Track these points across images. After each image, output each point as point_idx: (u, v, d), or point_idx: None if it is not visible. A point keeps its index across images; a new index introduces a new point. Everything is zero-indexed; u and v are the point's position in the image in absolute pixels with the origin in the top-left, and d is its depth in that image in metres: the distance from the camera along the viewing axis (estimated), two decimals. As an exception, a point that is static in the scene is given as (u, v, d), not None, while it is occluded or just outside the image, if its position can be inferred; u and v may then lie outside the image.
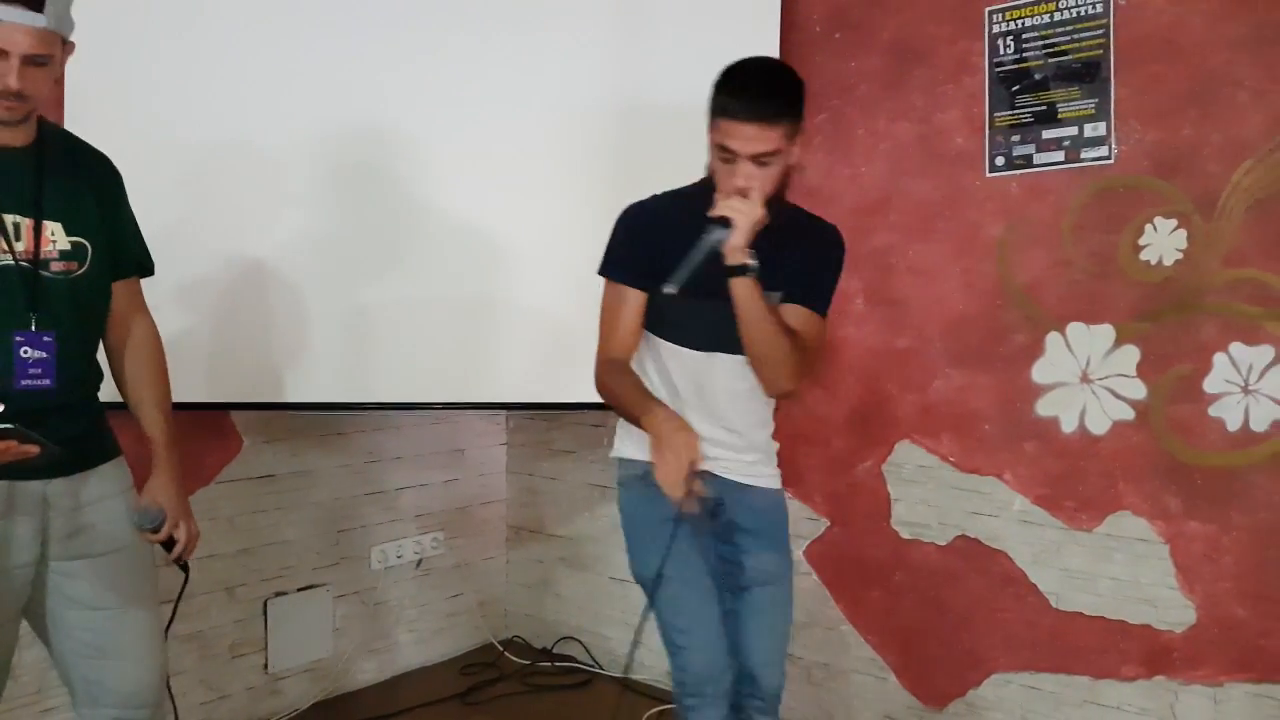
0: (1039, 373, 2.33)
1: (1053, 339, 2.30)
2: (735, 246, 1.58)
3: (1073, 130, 2.25)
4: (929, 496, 2.49)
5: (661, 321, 1.78)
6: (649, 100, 2.48)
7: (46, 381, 1.56)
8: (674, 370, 1.78)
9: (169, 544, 1.70)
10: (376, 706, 2.84)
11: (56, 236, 1.59)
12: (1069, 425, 2.29)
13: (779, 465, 1.93)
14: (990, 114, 2.35)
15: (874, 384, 2.58)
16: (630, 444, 1.85)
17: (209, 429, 2.61)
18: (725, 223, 1.58)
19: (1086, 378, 2.27)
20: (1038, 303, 2.32)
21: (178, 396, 2.37)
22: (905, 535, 2.53)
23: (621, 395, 1.73)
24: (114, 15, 2.19)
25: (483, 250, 2.49)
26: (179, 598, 1.83)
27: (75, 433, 1.63)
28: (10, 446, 1.43)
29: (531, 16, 2.43)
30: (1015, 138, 2.32)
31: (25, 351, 1.55)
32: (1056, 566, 2.32)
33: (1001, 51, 2.34)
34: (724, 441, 1.79)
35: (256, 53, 2.33)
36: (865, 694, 2.62)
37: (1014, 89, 2.32)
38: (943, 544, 2.48)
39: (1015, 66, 2.32)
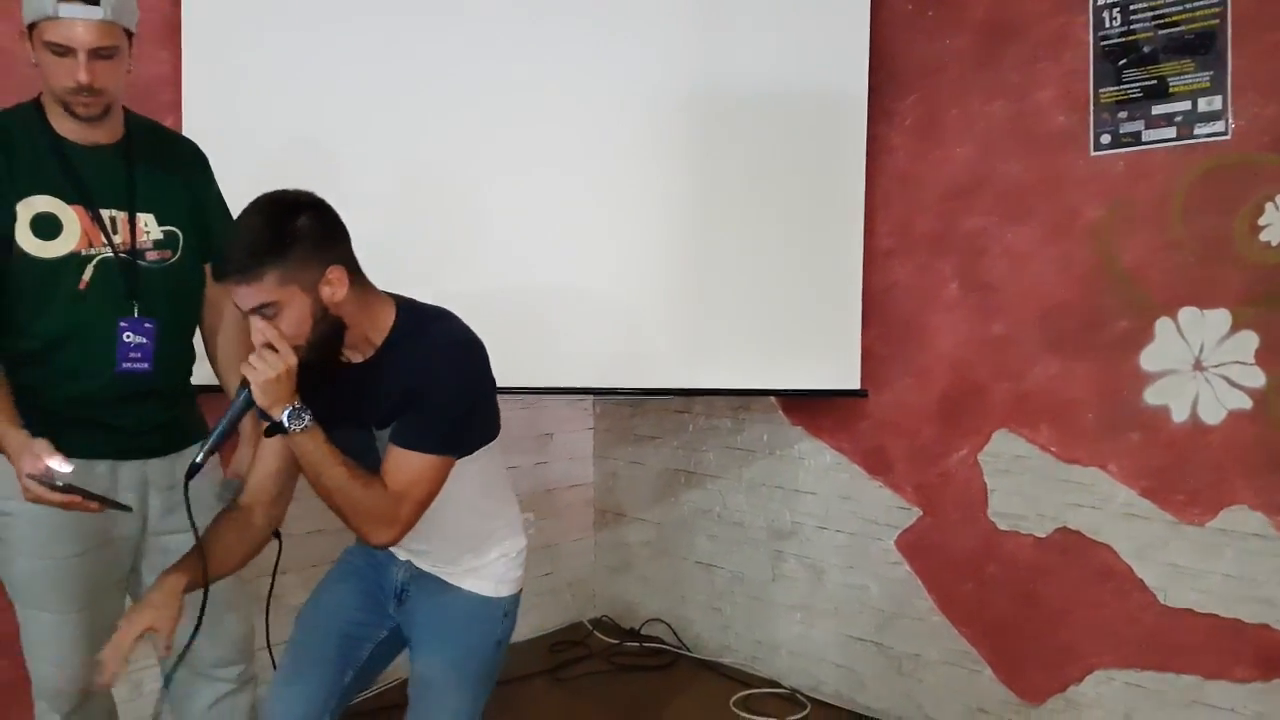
0: (1147, 360, 2.23)
1: (1163, 324, 2.20)
2: (264, 407, 1.45)
3: (1185, 105, 2.14)
4: (1027, 487, 2.42)
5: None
6: (731, 87, 2.46)
7: (145, 365, 1.66)
8: None
9: None
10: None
11: (149, 227, 1.68)
12: (1180, 415, 2.19)
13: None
14: (1095, 90, 2.25)
15: (967, 371, 2.51)
16: None
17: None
18: (244, 383, 1.46)
19: (1199, 365, 2.16)
20: (1144, 287, 2.22)
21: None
22: (1001, 527, 2.47)
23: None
24: (213, 11, 2.28)
25: (568, 239, 2.51)
26: (275, 568, 1.92)
27: (171, 416, 1.74)
28: (74, 500, 1.48)
29: (616, 5, 2.43)
30: (1122, 114, 2.22)
31: (127, 336, 1.64)
32: (1164, 561, 2.23)
33: (1107, 24, 2.23)
34: (432, 532, 1.64)
35: (331, 49, 2.37)
36: (956, 686, 2.57)
37: (1120, 63, 2.21)
38: (1041, 536, 2.40)
39: (1122, 40, 2.21)
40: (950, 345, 2.53)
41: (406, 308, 1.58)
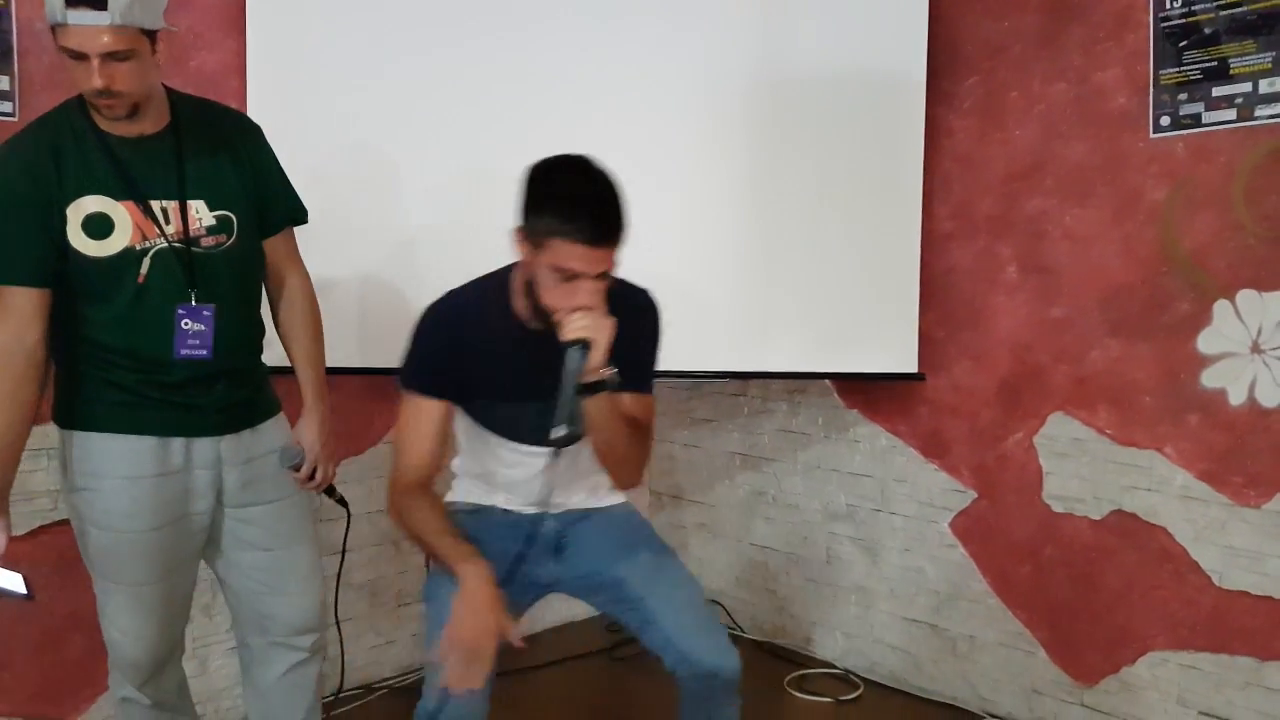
0: (1204, 343, 2.23)
1: (1220, 307, 2.20)
2: (596, 364, 1.53)
3: (1246, 87, 2.13)
4: (1083, 470, 2.43)
5: (489, 422, 1.77)
6: (790, 73, 2.49)
7: (203, 352, 1.68)
8: (509, 459, 1.79)
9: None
10: (528, 658, 2.94)
11: (201, 214, 1.68)
12: (1237, 398, 2.19)
13: None
14: (1155, 72, 2.25)
15: (1025, 354, 2.52)
16: (459, 489, 1.92)
17: (379, 393, 2.80)
18: (582, 344, 1.52)
19: (1257, 348, 2.16)
20: (1205, 269, 2.22)
21: (353, 361, 2.57)
22: (1057, 509, 2.48)
23: (424, 529, 1.66)
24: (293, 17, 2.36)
25: (631, 227, 2.56)
26: (345, 542, 2.01)
27: (241, 397, 1.78)
28: None
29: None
30: (1182, 96, 2.22)
31: (186, 324, 1.66)
32: (1220, 544, 2.23)
33: (1168, 6, 2.23)
34: (576, 484, 1.84)
35: (395, 42, 2.42)
36: (1011, 668, 2.59)
37: (1181, 45, 2.21)
38: (1097, 519, 2.41)
39: (1183, 21, 2.21)
40: (1009, 329, 2.55)
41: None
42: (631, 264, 2.52)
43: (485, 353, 1.68)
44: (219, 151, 1.72)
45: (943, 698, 2.71)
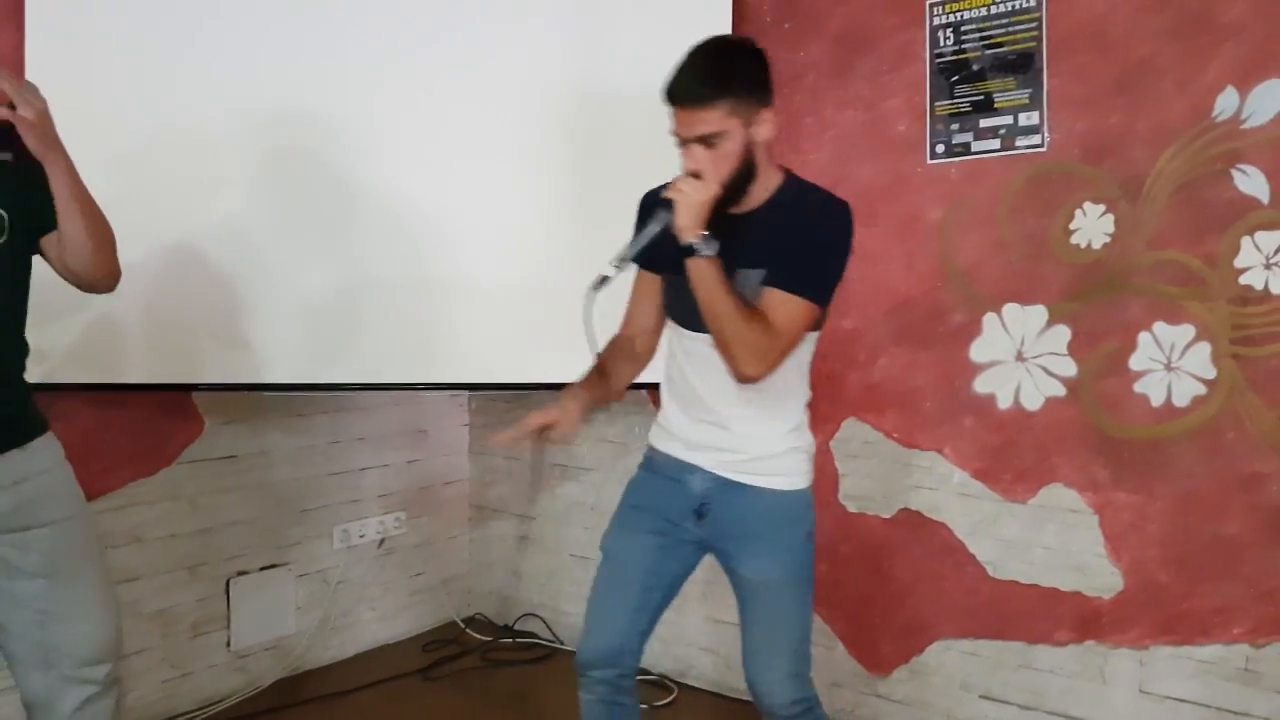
0: (977, 351, 2.43)
1: (989, 319, 2.40)
2: (681, 228, 1.59)
3: (1008, 119, 2.35)
4: (874, 471, 2.59)
5: (668, 304, 1.82)
6: (605, 87, 2.54)
7: None
8: (677, 350, 1.81)
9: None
10: (338, 683, 2.89)
11: None
12: (1005, 402, 2.39)
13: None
14: (931, 103, 2.45)
15: (821, 363, 2.60)
16: (651, 432, 1.92)
17: (171, 410, 2.65)
18: (666, 204, 1.61)
19: (1021, 356, 2.37)
20: (976, 284, 2.42)
21: (140, 378, 2.42)
22: (852, 509, 2.63)
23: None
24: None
25: (443, 232, 2.54)
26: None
27: (5, 414, 1.66)
28: None
29: (486, 15, 2.48)
30: (955, 126, 2.42)
31: None
32: (993, 537, 2.43)
33: (942, 43, 2.43)
34: (711, 427, 1.77)
35: (205, 32, 2.35)
36: (814, 663, 2.69)
37: (953, 79, 2.41)
38: (887, 516, 2.57)
39: (955, 57, 2.41)
40: (806, 339, 2.68)
41: (790, 174, 1.74)
42: (449, 274, 2.53)
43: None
44: None
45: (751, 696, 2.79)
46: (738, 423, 1.75)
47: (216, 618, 2.77)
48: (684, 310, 1.72)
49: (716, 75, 1.58)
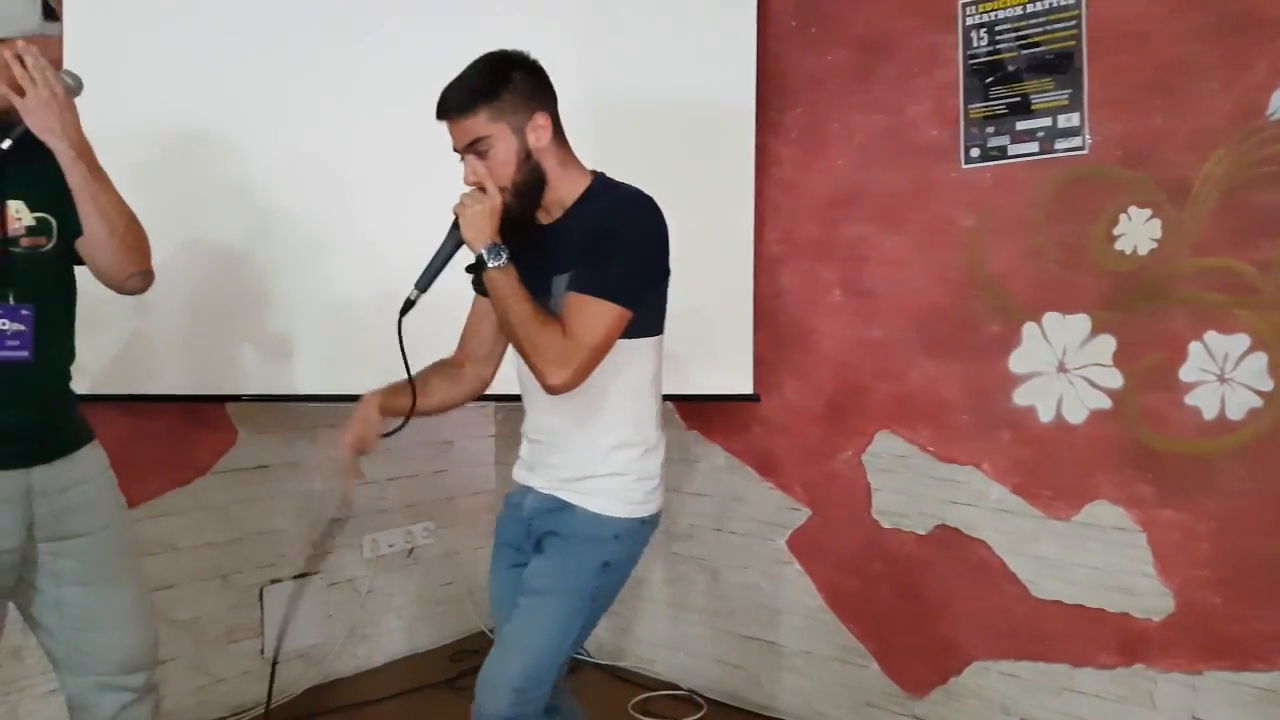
0: (1016, 362, 2.34)
1: (1029, 329, 2.31)
2: (469, 240, 1.58)
3: (1046, 121, 2.26)
4: (908, 486, 2.51)
5: None
6: (623, 97, 2.51)
7: (24, 353, 1.60)
8: (516, 370, 1.75)
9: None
10: (367, 691, 2.89)
11: (21, 214, 1.63)
12: (1046, 415, 2.30)
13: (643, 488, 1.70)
14: (965, 106, 2.37)
15: (850, 375, 2.60)
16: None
17: (204, 422, 2.67)
18: (454, 221, 1.61)
19: (1063, 367, 2.27)
20: (1012, 293, 2.33)
21: (173, 389, 2.45)
22: (885, 524, 2.55)
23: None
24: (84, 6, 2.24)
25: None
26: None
27: (51, 421, 1.68)
28: None
29: (502, 10, 2.45)
30: (990, 129, 2.34)
31: (3, 324, 1.58)
32: (1033, 555, 2.33)
33: (975, 44, 2.35)
34: (538, 446, 1.74)
35: (235, 39, 2.36)
36: (847, 681, 2.64)
37: (988, 81, 2.33)
38: (922, 533, 2.49)
39: (989, 58, 2.33)
40: (834, 349, 2.62)
41: (601, 177, 1.69)
42: (462, 287, 2.52)
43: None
44: (41, 157, 1.64)
45: (781, 713, 2.74)
46: (555, 436, 1.70)
47: (249, 625, 2.79)
48: None
49: (474, 84, 1.59)
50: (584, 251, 1.57)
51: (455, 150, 1.63)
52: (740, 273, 2.63)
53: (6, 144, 1.58)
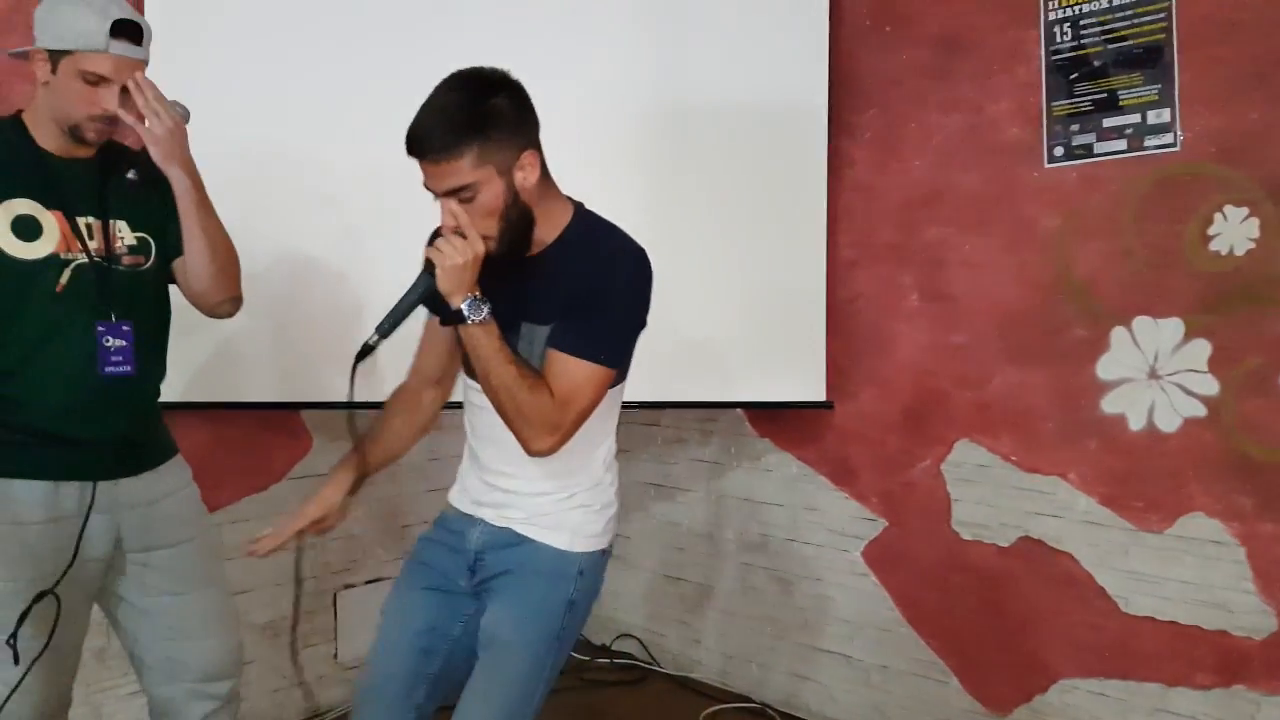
0: (1104, 369, 2.25)
1: (1118, 334, 2.23)
2: (446, 293, 1.42)
3: (1135, 118, 2.18)
4: (989, 496, 2.43)
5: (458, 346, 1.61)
6: (692, 102, 2.49)
7: (128, 368, 1.65)
8: (467, 401, 1.64)
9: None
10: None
11: (123, 233, 1.69)
12: (1137, 423, 2.21)
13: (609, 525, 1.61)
14: (1047, 104, 2.29)
15: (929, 381, 2.53)
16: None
17: (280, 429, 2.72)
18: (427, 265, 1.44)
19: (1154, 373, 2.18)
20: (1099, 296, 2.25)
21: (249, 397, 2.49)
22: (965, 536, 2.48)
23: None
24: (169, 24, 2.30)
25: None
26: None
27: (143, 434, 1.73)
28: None
29: (571, 17, 2.44)
30: (1074, 127, 2.26)
31: (107, 340, 1.63)
32: (1124, 569, 2.24)
33: (1058, 39, 2.28)
34: (493, 488, 1.59)
35: (283, 52, 2.38)
36: (925, 697, 2.57)
37: (1072, 77, 2.26)
38: (1004, 545, 2.42)
39: (1073, 54, 2.26)
40: (912, 355, 2.56)
41: (582, 210, 1.55)
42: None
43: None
44: (143, 181, 1.71)
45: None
46: (523, 482, 1.56)
47: (324, 630, 2.83)
48: (468, 359, 1.52)
49: (456, 118, 1.37)
50: (569, 306, 1.44)
51: (428, 189, 1.43)
52: (812, 277, 2.58)
53: (133, 174, 1.65)
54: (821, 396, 2.62)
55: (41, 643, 1.62)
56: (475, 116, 1.37)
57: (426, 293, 1.44)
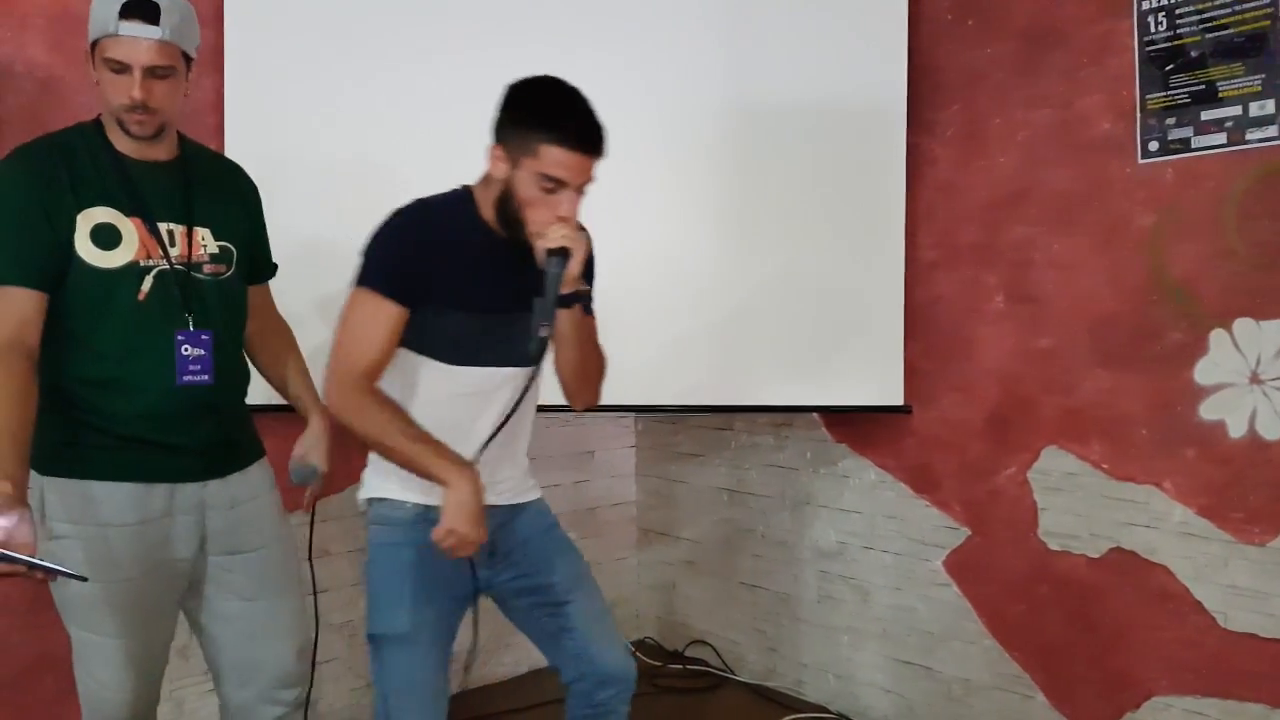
0: (1202, 373, 2.15)
1: (1217, 336, 2.12)
2: (575, 276, 1.57)
3: (1236, 110, 2.07)
4: (1078, 506, 2.34)
5: (439, 342, 1.63)
6: (768, 101, 2.45)
7: (205, 377, 1.65)
8: (446, 393, 1.65)
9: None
10: (512, 699, 2.92)
11: (206, 241, 1.70)
12: (1237, 430, 2.10)
13: None
14: (1141, 96, 2.20)
15: (1014, 386, 2.45)
16: (394, 483, 1.69)
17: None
18: (562, 253, 1.54)
19: (1256, 378, 2.08)
20: (1197, 298, 2.15)
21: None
22: (1053, 546, 2.39)
23: (389, 430, 1.56)
24: (255, 40, 2.35)
25: (607, 254, 2.50)
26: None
27: (229, 435, 1.74)
28: (15, 570, 1.32)
29: (642, 20, 2.43)
30: (1170, 120, 2.16)
31: (185, 349, 1.63)
32: (1223, 583, 2.14)
33: (1153, 29, 2.18)
34: (509, 461, 1.76)
35: (369, 72, 2.41)
36: (1008, 712, 2.49)
37: (1167, 68, 2.16)
38: (1094, 556, 2.33)
39: (1168, 44, 2.16)
40: (997, 359, 2.48)
41: None
42: (611, 295, 2.52)
43: (455, 258, 1.61)
44: (224, 189, 1.76)
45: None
46: (503, 455, 1.73)
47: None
48: (486, 350, 1.65)
49: (603, 125, 1.58)
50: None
51: (564, 182, 1.54)
52: (890, 279, 2.52)
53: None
54: (899, 401, 2.56)
55: (135, 642, 1.66)
56: None
57: (560, 277, 1.56)
